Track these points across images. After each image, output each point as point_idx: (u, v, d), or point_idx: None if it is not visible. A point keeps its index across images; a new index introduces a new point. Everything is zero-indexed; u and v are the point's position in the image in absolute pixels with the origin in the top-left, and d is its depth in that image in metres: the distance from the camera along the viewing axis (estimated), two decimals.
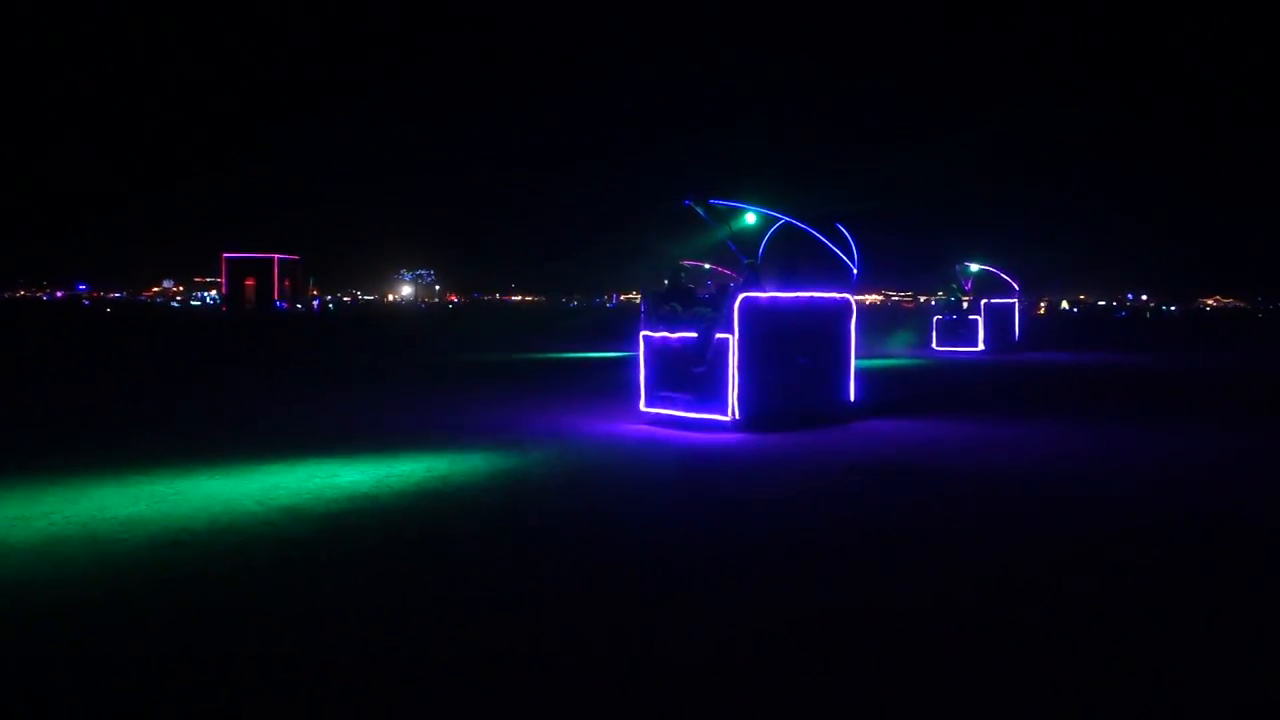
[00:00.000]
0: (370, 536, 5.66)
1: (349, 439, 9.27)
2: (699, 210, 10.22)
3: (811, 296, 10.34)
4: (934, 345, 25.96)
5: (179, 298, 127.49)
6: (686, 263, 12.35)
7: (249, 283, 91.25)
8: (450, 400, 13.12)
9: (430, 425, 10.36)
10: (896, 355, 23.70)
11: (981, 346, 25.01)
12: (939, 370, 19.35)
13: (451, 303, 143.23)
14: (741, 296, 9.66)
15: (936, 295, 28.53)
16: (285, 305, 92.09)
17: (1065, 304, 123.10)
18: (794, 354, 10.07)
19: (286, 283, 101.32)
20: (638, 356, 10.71)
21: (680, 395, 10.09)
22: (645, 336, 10.63)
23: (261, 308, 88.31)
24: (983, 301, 25.76)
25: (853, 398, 10.75)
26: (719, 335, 9.69)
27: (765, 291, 10.15)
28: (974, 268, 27.07)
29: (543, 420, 10.73)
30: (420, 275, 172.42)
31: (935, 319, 26.63)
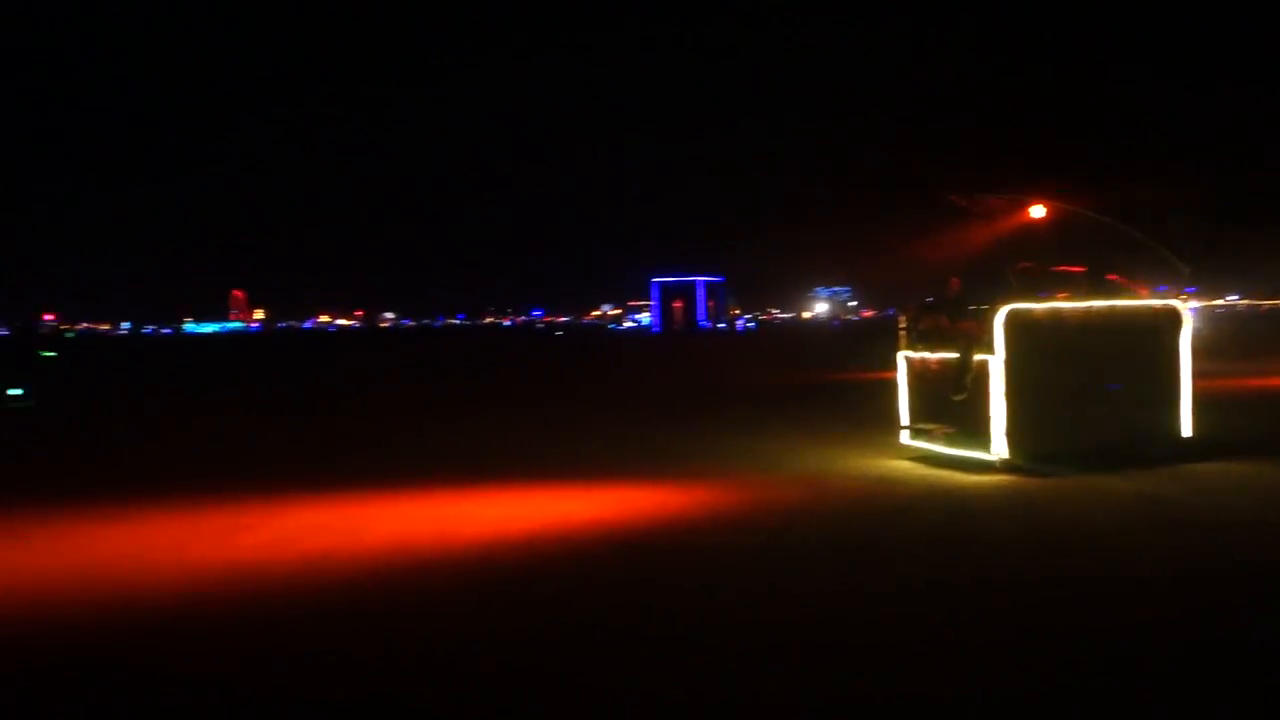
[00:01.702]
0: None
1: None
2: (967, 206, 8.55)
3: (1114, 304, 8.20)
4: None
5: (615, 320, 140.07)
6: (1021, 266, 10.51)
7: (677, 305, 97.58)
8: (741, 426, 12.52)
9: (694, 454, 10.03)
10: None
11: None
12: None
13: (867, 318, 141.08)
14: (1005, 309, 7.86)
15: None
16: (710, 324, 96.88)
17: None
18: (1091, 377, 8.02)
19: (711, 303, 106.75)
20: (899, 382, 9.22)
21: (940, 428, 8.48)
22: (904, 357, 9.11)
23: (688, 327, 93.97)
24: None
25: (1185, 431, 8.34)
26: (979, 356, 7.97)
27: (1047, 300, 8.22)
28: None
29: (812, 449, 9.90)
30: (837, 292, 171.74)
31: None
